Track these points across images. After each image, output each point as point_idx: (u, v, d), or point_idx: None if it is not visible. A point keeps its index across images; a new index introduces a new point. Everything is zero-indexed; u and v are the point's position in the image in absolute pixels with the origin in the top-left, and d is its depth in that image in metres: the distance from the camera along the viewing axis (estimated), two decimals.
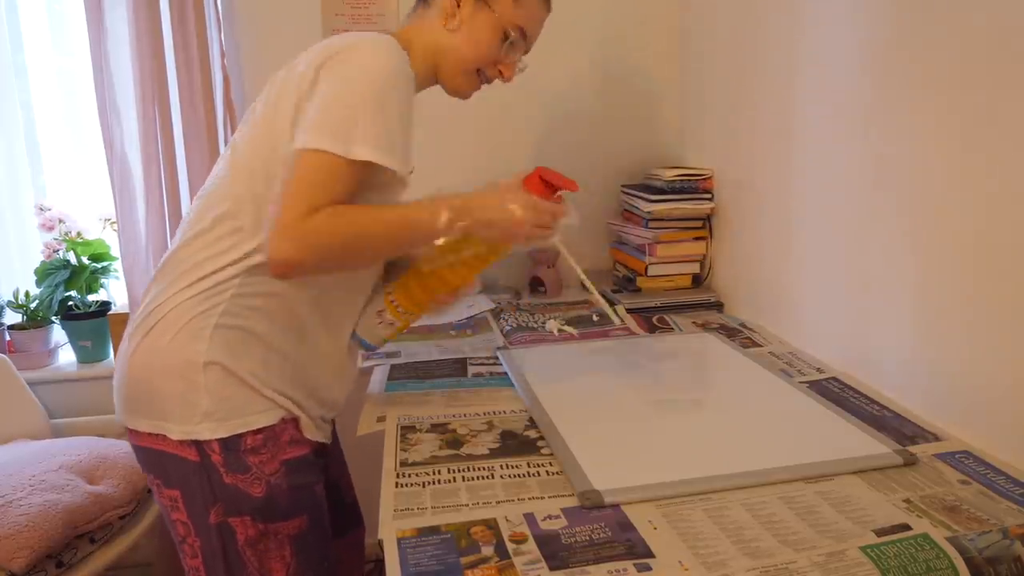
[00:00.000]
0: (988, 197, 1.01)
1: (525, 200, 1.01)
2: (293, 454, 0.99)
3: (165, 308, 0.97)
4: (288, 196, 0.91)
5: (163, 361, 0.95)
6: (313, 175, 0.91)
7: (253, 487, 0.95)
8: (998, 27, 0.98)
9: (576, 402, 1.19)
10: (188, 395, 0.94)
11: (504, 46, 1.10)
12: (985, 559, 0.79)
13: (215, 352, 0.95)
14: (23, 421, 1.82)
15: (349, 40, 0.97)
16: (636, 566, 0.78)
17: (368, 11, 1.94)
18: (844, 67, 1.30)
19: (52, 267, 1.93)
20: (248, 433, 0.95)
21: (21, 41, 1.97)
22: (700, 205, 1.80)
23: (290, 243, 0.90)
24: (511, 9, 1.08)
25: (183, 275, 0.97)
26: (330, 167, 0.91)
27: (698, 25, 1.92)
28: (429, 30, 1.09)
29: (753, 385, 1.27)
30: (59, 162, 2.08)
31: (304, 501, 1.00)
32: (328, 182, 0.91)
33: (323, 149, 0.90)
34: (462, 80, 1.12)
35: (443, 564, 0.79)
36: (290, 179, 0.92)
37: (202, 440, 0.94)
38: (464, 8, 1.08)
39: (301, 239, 0.90)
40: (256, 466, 0.95)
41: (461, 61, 1.10)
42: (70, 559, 1.49)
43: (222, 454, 0.94)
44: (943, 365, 1.11)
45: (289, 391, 1.00)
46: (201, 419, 0.94)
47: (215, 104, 1.86)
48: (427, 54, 1.09)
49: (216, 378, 0.95)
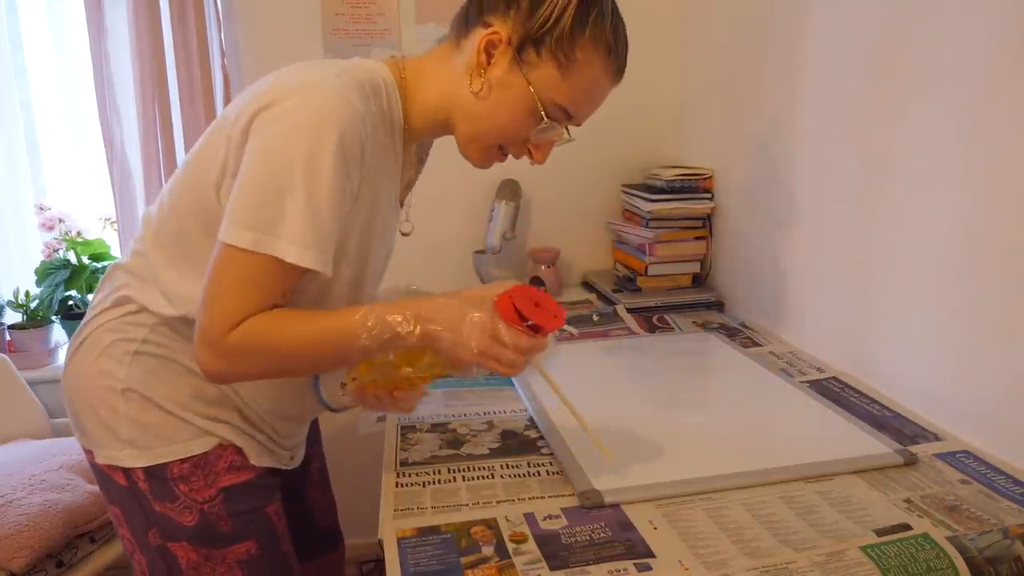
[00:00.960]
0: (988, 197, 1.01)
1: (487, 328, 0.80)
2: (233, 480, 0.92)
3: (93, 324, 0.93)
4: (210, 303, 0.78)
5: (85, 384, 0.91)
6: (234, 277, 0.78)
7: (183, 516, 0.90)
8: (999, 26, 0.98)
9: (576, 402, 1.19)
10: (109, 421, 0.90)
11: (537, 128, 0.87)
12: (985, 559, 0.79)
13: (134, 379, 0.89)
14: (23, 421, 1.82)
15: (290, 84, 0.79)
16: (636, 566, 0.77)
17: (368, 11, 1.94)
18: (844, 67, 1.30)
19: (52, 267, 1.93)
20: (173, 462, 0.89)
21: (21, 41, 1.97)
22: (700, 205, 1.80)
23: (216, 359, 0.79)
24: (554, 81, 0.84)
25: (114, 291, 0.92)
26: (253, 268, 0.77)
27: (698, 25, 1.91)
28: (450, 78, 0.88)
29: (753, 385, 1.27)
30: (59, 162, 2.08)
31: (250, 526, 0.94)
32: (250, 288, 0.78)
33: (242, 247, 0.76)
34: (475, 152, 0.91)
35: (443, 564, 0.79)
36: (213, 277, 0.79)
37: (126, 467, 0.89)
38: (494, 70, 0.85)
39: (225, 357, 0.79)
40: (185, 494, 0.90)
41: (477, 132, 0.88)
42: (70, 559, 1.49)
43: (147, 482, 0.89)
44: (943, 365, 1.11)
45: (225, 417, 0.93)
46: (122, 446, 0.89)
47: (215, 104, 1.86)
48: (440, 104, 0.89)
49: (136, 405, 0.89)
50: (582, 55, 0.84)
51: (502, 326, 0.80)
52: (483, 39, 0.84)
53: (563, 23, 0.82)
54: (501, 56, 0.85)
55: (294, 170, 0.76)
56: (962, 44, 1.04)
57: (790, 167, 1.49)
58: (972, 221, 1.04)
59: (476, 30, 0.86)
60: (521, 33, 0.83)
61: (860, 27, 1.25)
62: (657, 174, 1.87)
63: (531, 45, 0.83)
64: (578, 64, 0.84)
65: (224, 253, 0.78)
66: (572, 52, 0.83)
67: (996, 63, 0.98)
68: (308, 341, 0.81)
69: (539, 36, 0.83)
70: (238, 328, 0.78)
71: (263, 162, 0.78)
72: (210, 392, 0.92)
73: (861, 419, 1.12)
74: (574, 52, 0.83)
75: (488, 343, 0.80)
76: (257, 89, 0.83)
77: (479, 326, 0.80)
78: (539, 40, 0.83)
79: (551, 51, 0.83)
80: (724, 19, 1.76)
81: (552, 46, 0.83)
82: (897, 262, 1.19)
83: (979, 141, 1.02)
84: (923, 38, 1.11)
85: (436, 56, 0.92)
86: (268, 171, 0.77)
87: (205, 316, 0.79)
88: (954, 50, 1.05)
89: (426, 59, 0.93)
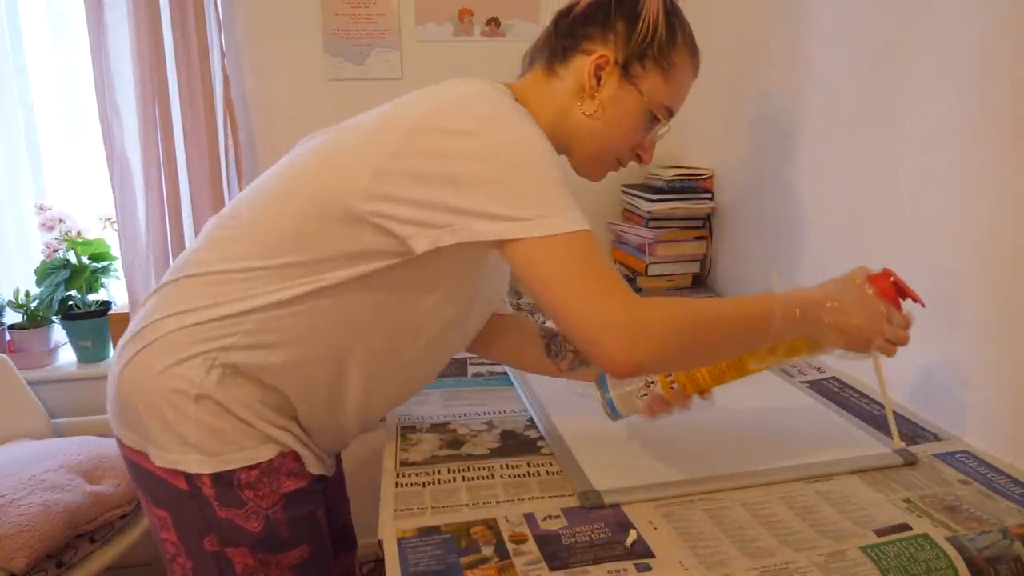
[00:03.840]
0: (988, 197, 1.01)
1: (887, 311, 0.86)
2: (292, 487, 0.92)
3: (165, 327, 0.88)
4: (588, 293, 0.75)
5: (153, 385, 0.88)
6: (582, 260, 0.75)
7: (250, 522, 0.89)
8: (999, 26, 0.98)
9: (576, 402, 1.19)
10: (176, 425, 0.87)
11: (653, 132, 0.95)
12: (985, 559, 0.79)
13: (210, 386, 0.87)
14: (23, 421, 1.82)
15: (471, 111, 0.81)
16: (636, 566, 0.77)
17: (368, 11, 1.94)
18: (845, 66, 1.30)
19: (52, 267, 1.93)
20: (242, 469, 0.88)
21: (21, 41, 1.97)
22: (700, 205, 1.81)
23: (627, 337, 0.74)
24: (661, 87, 0.92)
25: (195, 297, 0.88)
26: (584, 245, 0.76)
27: (698, 24, 1.91)
28: (557, 104, 0.93)
29: (753, 385, 1.26)
30: (59, 162, 2.08)
31: (305, 530, 0.94)
32: (603, 260, 0.76)
33: (558, 233, 0.75)
34: (598, 168, 0.97)
35: (443, 564, 0.79)
36: (563, 276, 0.75)
37: (191, 472, 0.87)
38: (605, 90, 0.91)
39: (641, 334, 0.74)
40: (252, 500, 0.89)
41: (599, 149, 0.94)
42: (70, 559, 1.49)
43: (214, 488, 0.87)
44: (943, 365, 1.11)
45: (290, 426, 0.93)
46: (188, 451, 0.87)
47: (215, 104, 1.86)
48: (554, 131, 0.91)
49: (208, 411, 0.87)
50: (678, 58, 0.93)
51: (891, 307, 0.87)
52: (591, 65, 0.90)
53: (659, 35, 0.91)
54: (609, 76, 0.91)
55: (527, 159, 0.79)
56: (962, 44, 1.04)
57: (790, 167, 1.49)
58: (972, 221, 1.04)
59: (576, 57, 0.92)
60: (625, 52, 0.90)
61: (860, 27, 1.25)
62: (657, 174, 1.87)
63: (636, 60, 0.91)
64: (676, 67, 0.93)
65: (549, 249, 0.76)
66: (671, 57, 0.92)
67: (996, 63, 0.98)
68: (723, 316, 0.82)
69: (642, 51, 0.91)
70: (642, 304, 0.76)
71: (502, 162, 0.78)
72: (275, 400, 0.91)
73: (861, 419, 1.12)
74: (672, 57, 0.92)
75: (886, 324, 0.86)
76: (419, 102, 0.84)
77: (878, 308, 0.85)
78: (643, 55, 0.91)
79: (654, 61, 0.91)
80: (724, 19, 1.76)
81: (655, 57, 0.91)
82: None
83: (979, 141, 1.02)
84: (923, 38, 1.11)
85: (532, 85, 0.95)
86: (514, 168, 0.78)
87: (596, 304, 0.75)
88: (954, 50, 1.05)
89: (523, 86, 0.95)
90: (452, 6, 1.98)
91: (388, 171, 0.80)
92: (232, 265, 0.87)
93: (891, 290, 0.88)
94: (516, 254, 0.77)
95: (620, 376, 0.77)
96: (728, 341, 0.84)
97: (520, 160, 0.78)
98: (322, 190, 0.84)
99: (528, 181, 0.78)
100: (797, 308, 0.83)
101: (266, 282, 0.86)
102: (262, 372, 0.89)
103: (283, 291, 0.86)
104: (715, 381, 0.94)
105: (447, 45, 2.00)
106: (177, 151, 1.85)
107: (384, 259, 0.85)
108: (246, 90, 1.96)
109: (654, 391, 0.94)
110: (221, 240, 0.90)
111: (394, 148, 0.81)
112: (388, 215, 0.81)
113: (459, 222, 0.78)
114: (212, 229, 0.93)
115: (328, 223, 0.84)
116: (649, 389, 0.95)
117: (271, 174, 0.93)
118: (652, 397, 0.94)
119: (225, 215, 0.94)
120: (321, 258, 0.85)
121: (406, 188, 0.80)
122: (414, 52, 1.99)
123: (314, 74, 1.96)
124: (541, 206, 0.76)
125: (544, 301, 0.77)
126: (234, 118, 1.90)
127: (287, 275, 0.86)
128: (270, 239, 0.87)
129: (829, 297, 0.86)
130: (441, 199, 0.78)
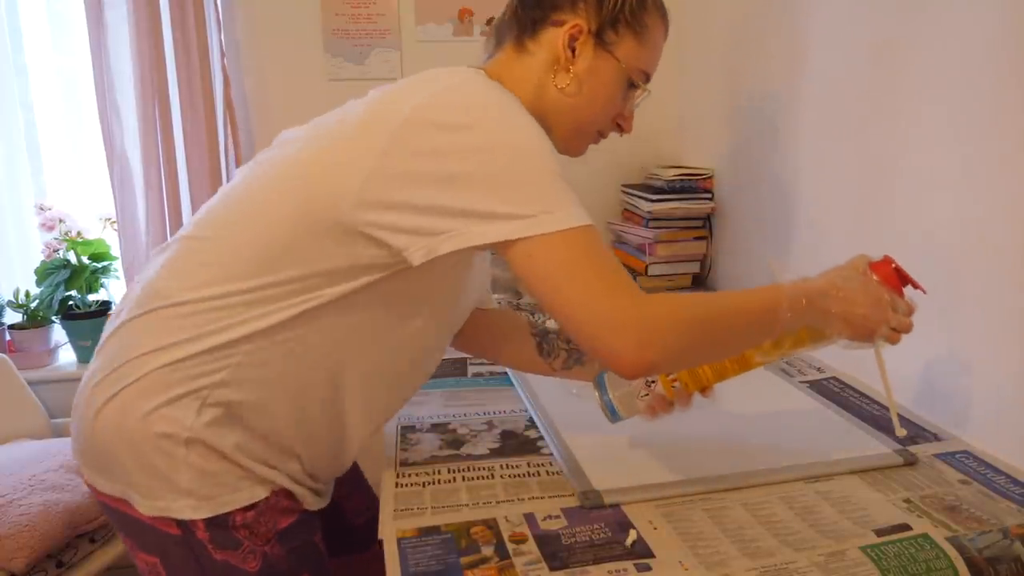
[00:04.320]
0: (988, 196, 1.01)
1: (890, 299, 0.85)
2: (288, 521, 0.87)
3: (147, 364, 0.80)
4: (590, 292, 0.72)
5: (137, 428, 0.80)
6: (583, 256, 0.73)
7: (247, 562, 0.83)
8: (999, 26, 0.98)
9: (576, 402, 1.19)
10: (167, 471, 0.80)
11: (628, 99, 0.93)
12: (985, 559, 0.79)
13: (200, 428, 0.80)
14: (23, 421, 1.82)
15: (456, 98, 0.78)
16: (636, 566, 0.77)
17: (368, 11, 1.94)
18: (844, 66, 1.30)
19: (52, 267, 1.93)
20: (237, 511, 0.82)
21: (21, 41, 1.97)
22: (700, 205, 1.81)
23: (635, 335, 0.72)
24: (636, 51, 0.89)
25: (173, 330, 0.80)
26: (585, 240, 0.73)
27: (698, 24, 1.91)
28: (531, 81, 0.88)
29: (753, 385, 1.27)
30: (59, 162, 2.08)
31: (303, 559, 0.89)
32: (606, 257, 0.74)
33: (556, 230, 0.73)
34: (580, 143, 0.94)
35: (443, 564, 0.79)
36: (565, 273, 0.73)
37: (182, 519, 0.81)
38: (580, 60, 0.87)
39: (647, 332, 0.72)
40: (248, 539, 0.83)
41: (579, 123, 0.91)
42: (70, 559, 1.49)
43: (208, 531, 0.81)
44: (943, 365, 1.11)
45: (282, 464, 0.87)
46: (179, 496, 0.80)
47: (215, 104, 1.86)
48: (531, 106, 0.85)
49: (199, 454, 0.80)
50: (650, 20, 0.90)
51: (894, 294, 0.86)
52: (565, 36, 0.87)
53: None
54: (583, 46, 0.88)
55: (525, 150, 0.76)
56: (962, 44, 1.04)
57: (790, 167, 1.49)
58: (972, 221, 1.04)
59: (546, 30, 0.88)
60: (597, 19, 0.88)
61: (860, 27, 1.25)
62: (657, 174, 1.87)
63: (609, 27, 0.88)
64: (648, 29, 0.90)
65: (552, 247, 0.73)
66: (643, 19, 0.90)
67: (996, 63, 0.98)
68: (731, 309, 0.80)
69: (615, 16, 0.88)
70: (650, 301, 0.73)
71: (502, 159, 0.75)
72: (270, 437, 0.85)
73: (861, 419, 1.12)
74: (643, 19, 0.90)
75: (890, 312, 0.85)
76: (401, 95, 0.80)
77: (882, 296, 0.85)
78: (615, 20, 0.88)
79: (627, 25, 0.89)
80: (724, 19, 1.76)
81: (627, 21, 0.89)
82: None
83: (979, 141, 1.02)
84: (923, 38, 1.11)
85: (504, 64, 0.90)
86: (512, 164, 0.75)
87: (603, 304, 0.72)
88: (954, 50, 1.05)
89: (495, 68, 0.90)
90: (452, 6, 1.99)
91: (381, 173, 0.76)
92: (208, 292, 0.80)
93: (893, 277, 0.87)
94: (518, 254, 0.74)
95: (629, 377, 0.75)
96: (737, 334, 0.82)
97: (517, 152, 0.75)
98: (308, 199, 0.78)
99: (528, 174, 0.74)
100: (804, 298, 0.81)
101: (249, 307, 0.79)
102: (256, 408, 0.83)
103: (269, 316, 0.80)
104: (717, 377, 0.92)
105: (447, 45, 2.00)
106: (177, 151, 1.85)
107: (376, 272, 0.80)
108: (246, 90, 1.96)
109: (655, 390, 0.92)
110: (191, 264, 0.83)
111: (385, 145, 0.76)
112: (383, 225, 0.76)
113: (457, 227, 0.74)
114: (176, 252, 0.85)
115: (316, 237, 0.78)
116: (650, 389, 0.93)
117: (239, 185, 0.86)
118: (653, 396, 0.93)
119: (189, 234, 0.85)
120: (308, 275, 0.79)
121: (401, 192, 0.75)
122: (414, 52, 1.99)
123: (314, 74, 1.97)
124: (542, 201, 0.73)
125: (548, 301, 0.74)
126: (234, 118, 1.90)
127: (271, 297, 0.80)
128: (249, 259, 0.80)
129: (834, 286, 0.84)
130: (438, 201, 0.74)
